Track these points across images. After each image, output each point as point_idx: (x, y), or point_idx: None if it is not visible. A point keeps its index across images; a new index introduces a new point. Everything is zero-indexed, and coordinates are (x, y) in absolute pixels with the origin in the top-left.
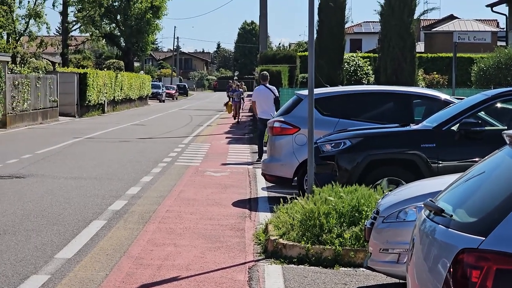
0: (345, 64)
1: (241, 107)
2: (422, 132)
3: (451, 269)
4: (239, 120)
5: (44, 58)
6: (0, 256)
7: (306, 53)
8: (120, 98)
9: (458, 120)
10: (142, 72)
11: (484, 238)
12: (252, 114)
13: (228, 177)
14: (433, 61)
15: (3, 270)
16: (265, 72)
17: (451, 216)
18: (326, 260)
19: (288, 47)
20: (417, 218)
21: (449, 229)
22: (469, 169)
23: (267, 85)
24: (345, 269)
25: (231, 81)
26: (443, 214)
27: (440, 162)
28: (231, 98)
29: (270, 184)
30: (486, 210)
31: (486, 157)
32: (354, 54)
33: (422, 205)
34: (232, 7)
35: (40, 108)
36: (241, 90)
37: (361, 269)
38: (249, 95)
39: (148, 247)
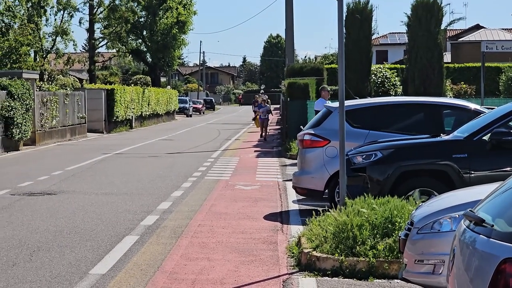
0: (372, 75)
1: (268, 124)
2: (453, 143)
3: (493, 279)
4: (266, 137)
5: (72, 75)
6: (35, 272)
7: (333, 65)
8: (147, 113)
9: (489, 129)
10: (168, 87)
11: None
12: (280, 127)
13: (258, 191)
14: (460, 71)
15: (39, 287)
16: (323, 86)
17: (492, 226)
18: (360, 272)
19: (314, 59)
20: (457, 228)
21: (491, 239)
22: (506, 179)
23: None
24: (380, 281)
25: (256, 96)
26: (483, 224)
27: (472, 172)
28: (258, 115)
29: (301, 197)
30: None
31: None
32: (381, 66)
33: (457, 216)
34: (257, 21)
35: (69, 125)
36: (268, 105)
37: (396, 280)
38: (276, 109)
39: (182, 261)
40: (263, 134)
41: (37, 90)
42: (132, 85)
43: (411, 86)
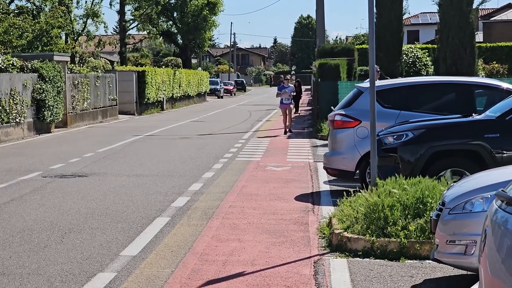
0: (404, 55)
1: (292, 110)
2: (485, 122)
3: None
4: (290, 127)
5: (103, 57)
6: (67, 254)
7: (364, 46)
8: (178, 95)
9: None
10: (199, 68)
11: None
12: (311, 108)
13: (289, 172)
14: (492, 50)
15: (70, 268)
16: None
17: None
18: (391, 252)
19: (345, 40)
20: (489, 208)
21: None
22: None
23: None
24: (411, 261)
25: (282, 76)
26: None
27: (505, 152)
28: (280, 98)
29: (332, 178)
30: None
31: None
32: (413, 46)
33: (489, 196)
34: (288, 1)
35: (100, 107)
36: (291, 85)
37: (427, 261)
38: (307, 89)
39: (213, 243)
40: (286, 124)
41: (68, 72)
42: (163, 67)
43: (443, 66)
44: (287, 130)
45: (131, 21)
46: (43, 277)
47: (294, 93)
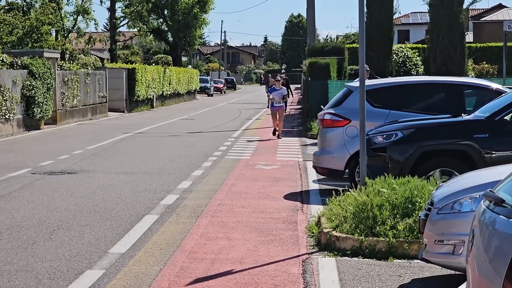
0: (394, 55)
1: (284, 114)
2: (474, 123)
3: None
4: (280, 133)
5: (93, 54)
6: (55, 251)
7: (354, 45)
8: (168, 92)
9: (511, 109)
10: (190, 66)
11: None
12: (301, 107)
13: (279, 170)
14: (482, 51)
15: (58, 266)
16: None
17: None
18: (380, 252)
19: (335, 39)
20: (477, 209)
21: (511, 220)
22: None
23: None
24: (400, 261)
25: (270, 76)
26: (503, 204)
27: (494, 152)
28: (270, 101)
29: (321, 177)
30: None
31: None
32: (403, 45)
33: (477, 196)
34: (279, 0)
35: (90, 104)
36: (284, 88)
37: (416, 260)
38: (297, 88)
39: (201, 241)
40: (277, 129)
41: (58, 69)
42: (153, 64)
43: (433, 65)
44: (278, 135)
45: (122, 19)
46: (31, 274)
47: (288, 97)
